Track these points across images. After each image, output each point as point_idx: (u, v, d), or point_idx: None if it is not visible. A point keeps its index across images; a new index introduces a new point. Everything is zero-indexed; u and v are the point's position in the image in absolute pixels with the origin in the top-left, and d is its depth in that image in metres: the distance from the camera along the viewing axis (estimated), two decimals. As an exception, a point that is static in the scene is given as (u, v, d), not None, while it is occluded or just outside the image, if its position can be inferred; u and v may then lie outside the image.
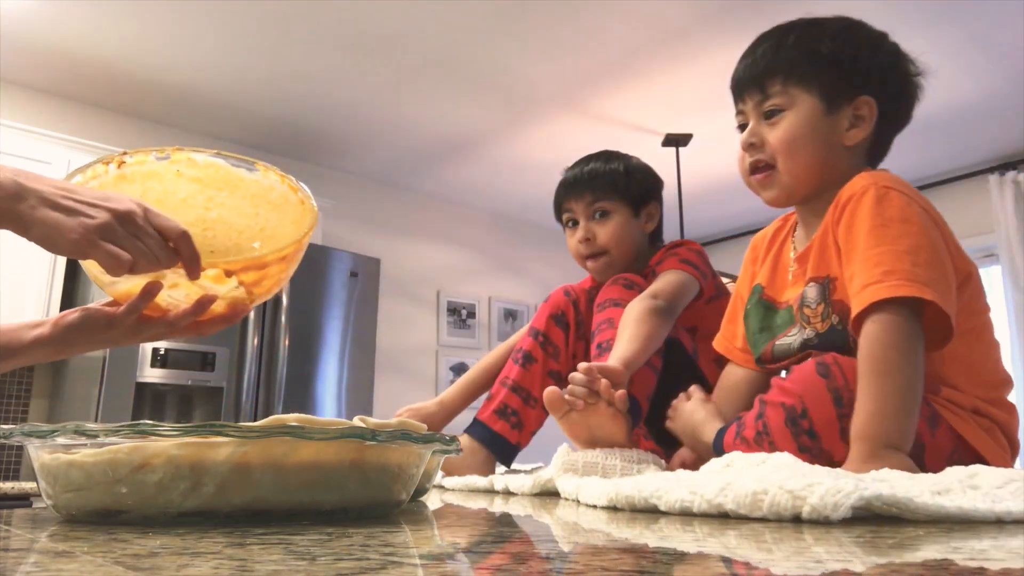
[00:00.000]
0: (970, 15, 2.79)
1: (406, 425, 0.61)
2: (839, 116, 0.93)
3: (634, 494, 0.61)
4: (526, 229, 5.09)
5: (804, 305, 0.93)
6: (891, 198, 0.85)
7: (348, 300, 3.28)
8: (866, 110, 0.93)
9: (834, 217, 0.90)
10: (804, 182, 0.95)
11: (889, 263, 0.80)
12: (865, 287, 0.80)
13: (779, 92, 0.94)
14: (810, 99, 0.93)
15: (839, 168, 0.94)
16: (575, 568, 0.34)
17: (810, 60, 0.93)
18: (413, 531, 0.50)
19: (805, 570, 0.32)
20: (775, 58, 0.95)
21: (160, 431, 0.48)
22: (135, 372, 2.71)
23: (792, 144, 0.93)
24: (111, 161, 0.87)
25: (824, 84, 0.92)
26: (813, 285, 0.93)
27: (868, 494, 0.48)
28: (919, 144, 3.85)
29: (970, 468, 0.61)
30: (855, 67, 0.93)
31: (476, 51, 3.06)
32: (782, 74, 0.94)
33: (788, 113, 0.93)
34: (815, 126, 0.93)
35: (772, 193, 0.97)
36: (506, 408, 1.24)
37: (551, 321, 1.30)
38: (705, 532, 0.46)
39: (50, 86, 3.33)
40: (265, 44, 3.02)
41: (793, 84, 0.93)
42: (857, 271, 0.83)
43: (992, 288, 4.13)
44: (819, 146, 0.93)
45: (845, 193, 0.89)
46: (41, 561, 0.36)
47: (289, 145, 3.96)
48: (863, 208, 0.85)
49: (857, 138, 0.94)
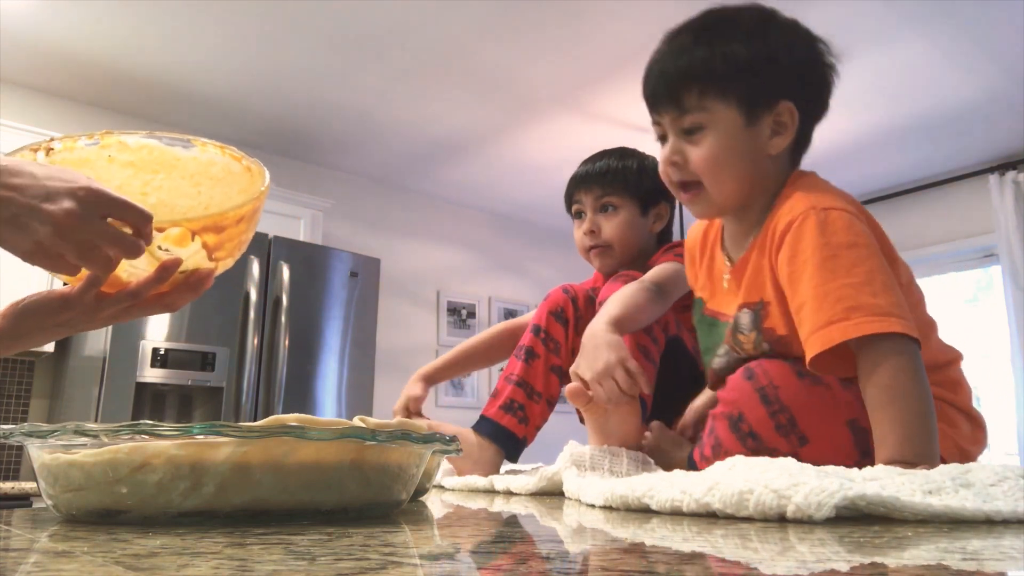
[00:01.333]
0: (970, 15, 2.79)
1: (406, 425, 0.61)
2: (760, 126, 0.89)
3: (628, 494, 0.62)
4: (526, 229, 5.09)
5: (737, 331, 0.93)
6: (832, 221, 0.83)
7: (348, 300, 3.28)
8: (787, 116, 0.90)
9: (773, 244, 0.87)
10: (733, 199, 0.92)
11: (850, 298, 0.79)
12: (829, 324, 0.79)
13: (696, 107, 0.89)
14: (729, 112, 0.88)
15: (766, 177, 0.92)
16: (575, 568, 0.34)
17: (725, 67, 0.88)
18: (413, 531, 0.50)
19: (786, 570, 0.32)
20: (689, 66, 0.89)
21: (160, 431, 0.48)
22: (135, 372, 2.71)
23: (716, 165, 0.89)
24: (39, 148, 0.81)
25: (742, 94, 0.88)
26: (746, 311, 0.92)
27: (852, 494, 0.48)
28: (919, 144, 3.85)
29: (963, 466, 0.61)
30: (773, 71, 0.89)
31: (476, 51, 3.06)
32: (697, 85, 0.88)
33: (708, 131, 0.89)
34: (737, 142, 0.89)
35: (701, 209, 0.95)
36: (512, 403, 1.24)
37: (551, 318, 1.31)
38: (694, 532, 0.47)
39: (50, 86, 3.33)
40: (265, 44, 3.02)
41: (710, 97, 0.88)
42: (813, 307, 0.81)
43: (992, 288, 4.13)
44: (744, 162, 0.90)
45: (783, 220, 0.86)
46: (41, 561, 0.36)
47: (289, 145, 3.96)
48: (807, 238, 0.83)
49: (781, 146, 0.90)
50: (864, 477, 0.58)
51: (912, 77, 3.21)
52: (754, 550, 0.38)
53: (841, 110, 3.49)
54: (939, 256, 4.24)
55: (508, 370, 1.30)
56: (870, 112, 3.51)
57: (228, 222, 0.77)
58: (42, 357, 3.16)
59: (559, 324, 1.30)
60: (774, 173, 0.92)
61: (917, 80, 3.23)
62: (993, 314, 4.08)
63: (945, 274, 4.31)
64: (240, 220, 0.78)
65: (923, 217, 4.24)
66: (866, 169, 4.14)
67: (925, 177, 4.24)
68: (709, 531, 0.46)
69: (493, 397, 1.28)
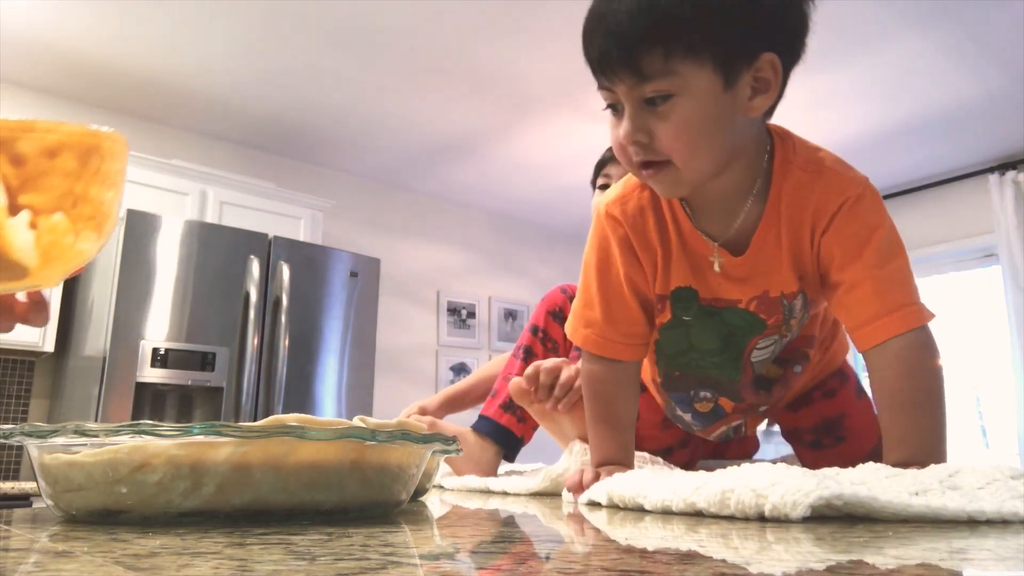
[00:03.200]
0: (970, 15, 2.79)
1: (406, 425, 0.61)
2: (739, 85, 0.72)
3: (625, 492, 0.63)
4: (526, 229, 5.09)
5: (791, 317, 0.89)
6: (877, 196, 0.83)
7: (348, 300, 3.28)
8: (770, 71, 0.73)
9: (816, 224, 0.81)
10: (706, 174, 0.77)
11: (911, 283, 0.80)
12: (904, 306, 0.78)
13: (661, 72, 0.70)
14: (704, 75, 0.70)
15: (743, 142, 0.78)
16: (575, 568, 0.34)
17: (696, 18, 0.69)
18: (413, 531, 0.50)
19: (761, 568, 0.32)
20: (651, 21, 0.69)
21: (160, 431, 0.48)
22: (135, 372, 2.71)
23: (692, 139, 0.72)
24: None
25: (719, 51, 0.70)
26: (799, 296, 0.87)
27: (828, 493, 0.48)
28: (919, 144, 3.85)
29: (952, 467, 0.61)
30: (753, 19, 0.71)
31: (476, 51, 3.06)
32: (662, 46, 0.69)
33: (679, 100, 0.71)
34: (716, 110, 0.72)
35: (667, 188, 0.78)
36: (511, 402, 1.24)
37: (549, 317, 1.32)
38: (681, 530, 0.47)
39: (50, 86, 3.33)
40: (265, 44, 3.02)
41: (679, 58, 0.70)
42: (876, 288, 0.79)
43: (992, 288, 4.13)
44: (723, 132, 0.74)
45: (831, 198, 0.80)
46: (41, 561, 0.36)
47: (289, 145, 3.96)
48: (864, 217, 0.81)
49: (763, 107, 0.75)
50: (851, 479, 0.59)
51: (912, 77, 3.21)
52: (735, 549, 0.38)
53: (841, 110, 3.49)
54: (939, 256, 4.24)
55: (507, 370, 1.31)
56: (870, 112, 3.51)
57: (30, 148, 0.52)
58: (42, 357, 3.17)
59: (557, 324, 1.31)
60: (751, 135, 0.79)
61: (917, 80, 3.23)
62: (993, 314, 4.08)
63: (945, 274, 4.31)
64: (54, 152, 0.54)
65: (923, 217, 4.24)
66: (866, 169, 4.10)
67: (925, 177, 4.24)
68: (695, 530, 0.46)
69: (492, 397, 1.29)
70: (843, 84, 3.24)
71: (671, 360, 0.96)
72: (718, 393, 0.98)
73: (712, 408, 1.00)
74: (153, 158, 3.26)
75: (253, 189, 3.50)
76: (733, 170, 0.79)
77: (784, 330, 0.89)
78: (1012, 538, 0.42)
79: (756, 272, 0.84)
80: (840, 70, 3.13)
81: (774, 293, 0.86)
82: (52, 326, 2.95)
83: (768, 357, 0.92)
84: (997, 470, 0.58)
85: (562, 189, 4.45)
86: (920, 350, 0.77)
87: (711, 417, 1.01)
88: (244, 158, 3.93)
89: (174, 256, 2.86)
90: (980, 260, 4.19)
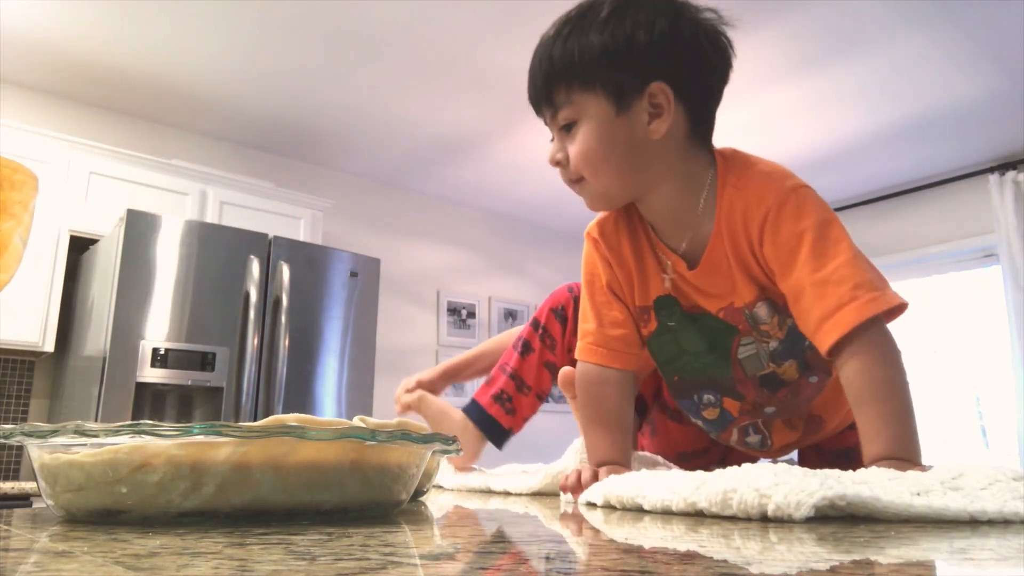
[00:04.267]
0: (970, 15, 2.79)
1: (406, 425, 0.61)
2: (633, 112, 0.83)
3: (623, 493, 0.63)
4: (526, 229, 5.09)
5: (759, 324, 0.90)
6: (805, 200, 0.83)
7: (348, 300, 3.28)
8: (661, 97, 0.83)
9: (751, 237, 0.85)
10: (618, 188, 0.88)
11: (850, 278, 0.79)
12: (840, 308, 0.78)
13: (565, 103, 0.86)
14: (597, 102, 0.84)
15: (661, 162, 0.86)
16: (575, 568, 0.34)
17: (583, 59, 0.83)
18: (413, 531, 0.50)
19: (766, 568, 0.32)
20: (552, 65, 0.86)
21: (160, 431, 0.48)
22: (135, 372, 2.71)
23: (589, 158, 0.85)
24: None
25: (606, 83, 0.83)
26: (762, 304, 0.89)
27: (832, 493, 0.48)
28: (919, 144, 3.85)
29: (954, 469, 0.61)
30: (632, 55, 0.82)
31: (476, 51, 3.06)
32: (563, 82, 0.85)
33: (581, 124, 0.85)
34: (609, 132, 0.84)
35: (588, 202, 0.91)
36: (503, 393, 1.27)
37: (551, 314, 1.33)
38: (682, 530, 0.47)
39: (50, 86, 3.33)
40: (265, 44, 3.02)
41: (576, 90, 0.84)
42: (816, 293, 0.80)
43: (992, 288, 4.13)
44: (620, 152, 0.85)
45: (754, 212, 0.84)
46: (41, 561, 0.36)
47: (289, 145, 3.96)
48: (788, 225, 0.82)
49: (662, 129, 0.84)
50: (853, 479, 0.58)
51: (912, 77, 3.21)
52: (736, 549, 0.38)
53: (841, 110, 3.49)
54: (939, 256, 4.24)
55: (504, 359, 1.32)
56: (870, 112, 3.51)
57: None
58: (42, 357, 3.17)
59: (557, 321, 1.32)
60: (673, 158, 0.87)
61: (917, 80, 3.23)
62: (993, 314, 4.08)
63: (945, 274, 4.31)
64: None
65: (923, 217, 4.24)
66: (866, 169, 4.14)
67: (925, 177, 4.24)
68: (695, 530, 0.46)
69: (486, 384, 1.31)
70: (843, 84, 3.24)
71: (667, 366, 1.00)
72: (720, 393, 0.99)
73: (719, 414, 1.01)
74: (153, 158, 3.26)
75: (253, 189, 3.50)
76: (662, 192, 0.88)
77: (759, 335, 0.92)
78: (1013, 538, 0.42)
79: (714, 285, 0.90)
80: (840, 70, 3.13)
81: (738, 304, 0.90)
82: (52, 326, 2.96)
83: (754, 354, 0.94)
84: (999, 471, 0.58)
85: (562, 189, 4.42)
86: (873, 345, 0.77)
87: (720, 423, 1.02)
88: (244, 158, 3.93)
89: (174, 256, 2.86)
90: (980, 260, 4.19)
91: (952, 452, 4.06)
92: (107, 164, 3.14)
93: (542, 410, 1.38)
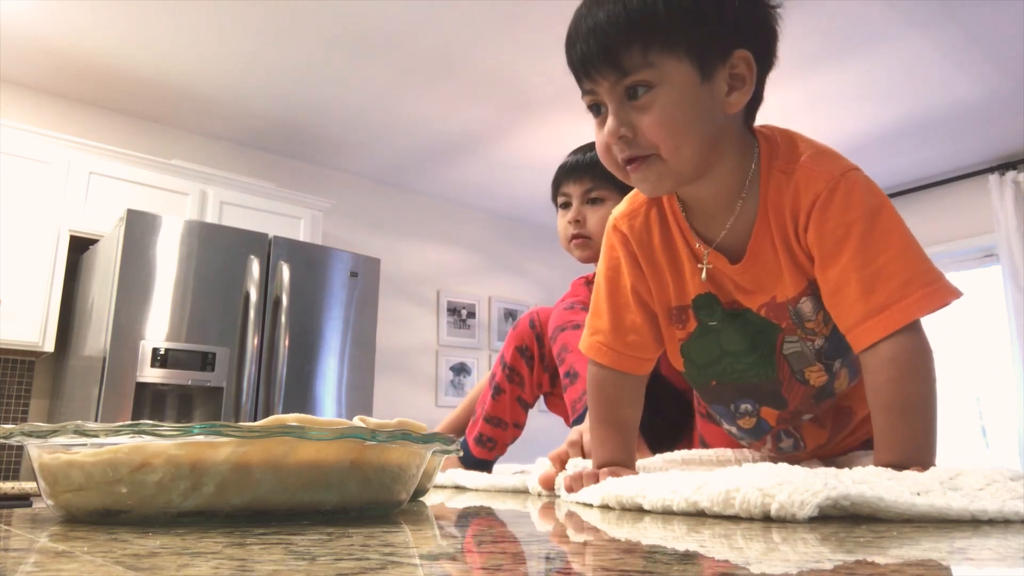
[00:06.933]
0: (970, 15, 2.79)
1: (406, 425, 0.61)
2: (716, 81, 0.75)
3: (622, 493, 0.63)
4: (526, 229, 5.09)
5: (804, 321, 0.85)
6: (857, 185, 0.78)
7: (348, 300, 3.28)
8: (744, 67, 0.76)
9: (798, 224, 0.80)
10: (693, 166, 0.78)
11: (902, 272, 0.75)
12: (888, 306, 0.74)
13: (641, 65, 0.73)
14: (682, 68, 0.74)
15: (728, 138, 0.80)
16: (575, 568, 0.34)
17: (669, 14, 0.73)
18: (413, 531, 0.50)
19: (768, 568, 0.32)
20: (628, 19, 0.73)
21: (160, 431, 0.48)
22: (135, 372, 2.71)
23: (673, 130, 0.74)
24: None
25: (693, 44, 0.73)
26: (807, 299, 0.83)
27: (835, 493, 0.48)
28: (919, 144, 3.85)
29: (953, 469, 0.61)
30: (724, 16, 0.75)
31: (476, 51, 3.06)
32: (640, 42, 0.73)
33: (659, 90, 0.74)
34: (696, 100, 0.75)
35: (653, 183, 0.79)
36: (482, 436, 1.44)
37: (517, 354, 1.44)
38: (683, 530, 0.47)
39: (50, 86, 3.33)
40: (265, 44, 3.02)
41: (656, 52, 0.73)
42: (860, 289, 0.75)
43: (992, 288, 4.13)
44: (704, 124, 0.76)
45: (804, 196, 0.79)
46: (41, 561, 0.36)
47: (289, 145, 3.96)
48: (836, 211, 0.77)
49: (740, 103, 0.77)
50: (853, 479, 0.58)
51: (912, 77, 3.21)
52: (739, 549, 0.38)
53: (841, 110, 3.49)
54: (939, 256, 4.24)
55: (482, 399, 1.47)
56: (870, 112, 3.51)
57: None
58: (42, 357, 3.17)
59: (524, 360, 1.44)
60: (733, 137, 0.81)
61: (917, 80, 3.23)
62: (993, 314, 4.08)
63: (945, 274, 4.30)
64: None
65: (923, 217, 4.24)
66: (866, 169, 4.09)
67: (925, 177, 4.24)
68: (696, 530, 0.46)
69: (472, 423, 1.46)
70: (843, 84, 3.24)
71: (705, 370, 0.93)
72: (759, 403, 0.93)
73: (755, 423, 0.95)
74: (153, 158, 3.26)
75: (253, 189, 3.50)
76: (717, 172, 0.81)
77: (804, 333, 0.86)
78: (1013, 537, 0.42)
79: (759, 279, 0.84)
80: (840, 70, 3.13)
81: (780, 299, 0.85)
82: (52, 326, 2.96)
83: (799, 351, 0.88)
84: (997, 472, 0.58)
85: (562, 189, 4.44)
86: (911, 353, 0.74)
87: (755, 432, 0.97)
88: (244, 158, 3.93)
89: (174, 256, 2.86)
90: (980, 260, 4.19)
91: (952, 452, 4.05)
92: (107, 164, 3.14)
93: (540, 411, 1.55)
